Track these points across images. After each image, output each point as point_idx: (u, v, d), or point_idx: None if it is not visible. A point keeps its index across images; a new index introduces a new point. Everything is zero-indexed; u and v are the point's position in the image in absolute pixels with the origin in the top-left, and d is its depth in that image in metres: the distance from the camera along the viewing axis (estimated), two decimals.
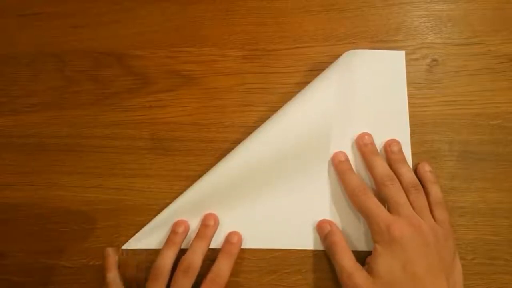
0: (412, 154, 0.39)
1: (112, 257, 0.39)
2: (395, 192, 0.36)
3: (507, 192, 0.39)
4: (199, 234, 0.38)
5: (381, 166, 0.37)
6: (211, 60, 0.43)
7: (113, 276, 0.38)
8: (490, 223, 0.39)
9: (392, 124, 0.40)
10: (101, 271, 0.39)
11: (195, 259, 0.37)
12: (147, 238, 0.39)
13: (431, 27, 0.42)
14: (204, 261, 0.37)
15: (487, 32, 0.42)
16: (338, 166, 0.39)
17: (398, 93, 0.41)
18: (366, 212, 0.36)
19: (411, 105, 0.40)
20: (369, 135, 0.39)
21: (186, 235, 0.39)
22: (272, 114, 0.39)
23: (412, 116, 0.40)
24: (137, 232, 0.40)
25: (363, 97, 0.40)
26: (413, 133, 0.40)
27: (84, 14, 0.44)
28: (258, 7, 0.43)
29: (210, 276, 0.36)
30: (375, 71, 0.41)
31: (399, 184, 0.36)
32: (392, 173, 0.37)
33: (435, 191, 0.37)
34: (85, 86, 0.43)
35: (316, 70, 0.41)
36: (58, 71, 0.43)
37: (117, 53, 0.43)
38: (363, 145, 0.39)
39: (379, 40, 0.42)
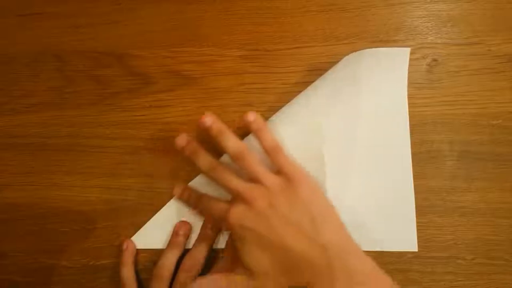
0: (412, 154, 0.39)
1: (129, 251, 0.38)
2: (219, 178, 0.34)
3: (507, 192, 0.39)
4: (201, 235, 0.38)
5: (201, 161, 0.35)
6: (211, 60, 0.43)
7: (127, 272, 0.38)
8: (490, 223, 0.39)
9: (392, 124, 0.40)
10: (101, 271, 0.39)
11: (198, 259, 0.37)
12: (147, 239, 0.39)
13: (431, 27, 0.42)
14: (206, 260, 0.37)
15: (487, 32, 0.41)
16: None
17: (398, 92, 0.40)
18: (210, 214, 0.35)
19: (411, 105, 0.40)
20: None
21: (188, 237, 0.39)
22: (272, 114, 0.39)
23: (412, 116, 0.40)
24: (136, 232, 0.40)
25: (363, 97, 0.40)
26: (413, 133, 0.40)
27: (84, 14, 0.44)
28: (258, 7, 0.43)
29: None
30: (376, 69, 0.40)
31: (222, 167, 0.34)
32: (211, 162, 0.35)
33: (264, 138, 0.34)
34: (85, 86, 0.43)
35: (316, 70, 0.41)
36: (58, 71, 0.43)
37: (117, 53, 0.43)
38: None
39: (379, 40, 0.42)
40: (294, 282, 0.31)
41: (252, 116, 0.35)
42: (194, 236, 0.39)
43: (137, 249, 0.39)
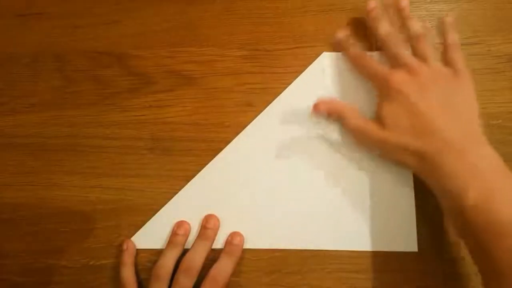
0: None
1: (129, 252, 0.38)
2: (393, 45, 0.37)
3: None
4: (200, 235, 0.38)
5: (382, 26, 0.38)
6: (211, 60, 0.43)
7: (127, 272, 0.38)
8: None
9: None
10: (101, 271, 0.39)
11: (197, 259, 0.37)
12: (147, 239, 0.39)
13: (431, 27, 0.42)
14: (205, 261, 0.37)
15: (487, 32, 0.41)
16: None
17: None
18: (368, 72, 0.38)
19: None
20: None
21: (187, 237, 0.39)
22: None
23: None
24: (136, 232, 0.40)
25: (361, 97, 0.40)
26: None
27: (84, 14, 0.44)
28: (258, 7, 0.43)
29: (212, 273, 0.36)
30: None
31: (398, 38, 0.38)
32: (391, 30, 0.38)
33: (447, 36, 0.37)
34: (85, 86, 0.43)
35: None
36: (58, 71, 0.43)
37: (117, 53, 0.43)
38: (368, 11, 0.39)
39: None
40: (423, 145, 0.34)
41: (450, 19, 0.38)
42: (193, 236, 0.39)
43: (137, 249, 0.39)
